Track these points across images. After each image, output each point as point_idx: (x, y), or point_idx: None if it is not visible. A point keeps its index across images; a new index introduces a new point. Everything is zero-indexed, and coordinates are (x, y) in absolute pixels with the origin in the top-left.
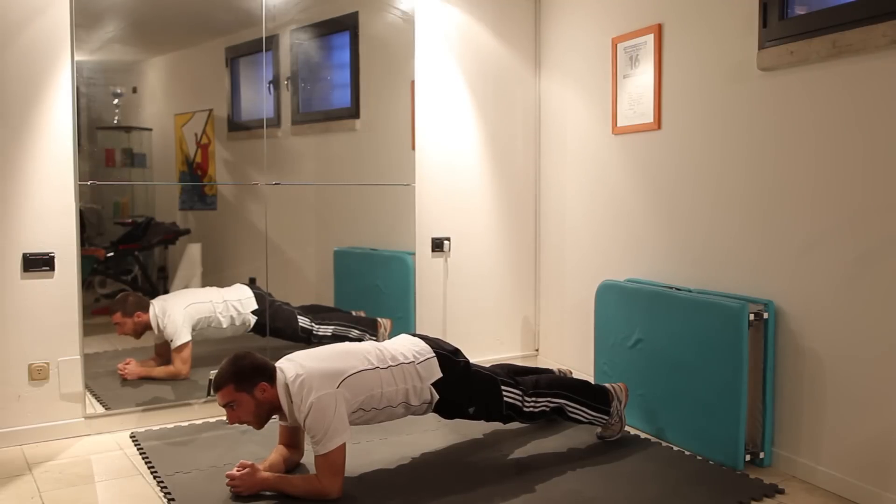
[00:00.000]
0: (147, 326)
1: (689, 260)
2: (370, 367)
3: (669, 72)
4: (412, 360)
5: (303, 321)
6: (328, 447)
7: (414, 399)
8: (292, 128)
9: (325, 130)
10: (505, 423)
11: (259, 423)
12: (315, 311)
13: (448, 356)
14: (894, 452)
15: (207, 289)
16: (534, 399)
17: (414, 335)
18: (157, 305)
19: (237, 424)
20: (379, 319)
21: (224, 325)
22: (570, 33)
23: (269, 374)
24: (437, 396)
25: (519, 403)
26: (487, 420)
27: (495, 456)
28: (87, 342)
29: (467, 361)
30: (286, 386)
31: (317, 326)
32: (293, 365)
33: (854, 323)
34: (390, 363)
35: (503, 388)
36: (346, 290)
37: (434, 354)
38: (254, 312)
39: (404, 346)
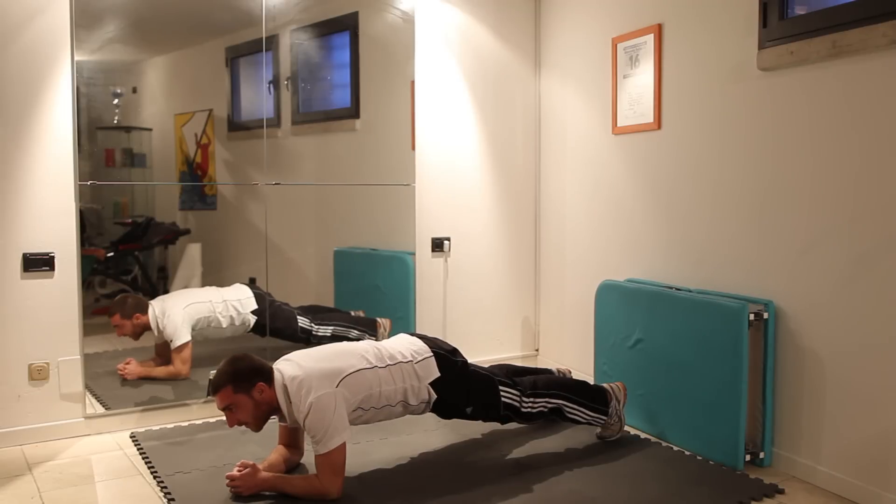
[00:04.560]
0: (146, 328)
1: (688, 260)
2: (368, 366)
3: (669, 72)
4: (410, 359)
5: (302, 321)
6: (328, 447)
7: (412, 398)
8: (292, 128)
9: (325, 130)
10: (503, 424)
11: (258, 424)
12: (315, 312)
13: (446, 356)
14: (894, 452)
15: (207, 289)
16: (532, 399)
17: (412, 335)
18: (157, 306)
19: (237, 426)
20: (378, 319)
21: (224, 325)
22: (570, 33)
23: (267, 375)
24: (434, 396)
25: (517, 404)
26: (485, 420)
27: (495, 456)
28: (87, 342)
29: (465, 361)
30: (284, 386)
31: (316, 327)
32: (291, 365)
33: (854, 323)
34: (388, 362)
35: (501, 388)
36: (346, 290)
37: (432, 354)
38: (253, 312)
39: (402, 346)
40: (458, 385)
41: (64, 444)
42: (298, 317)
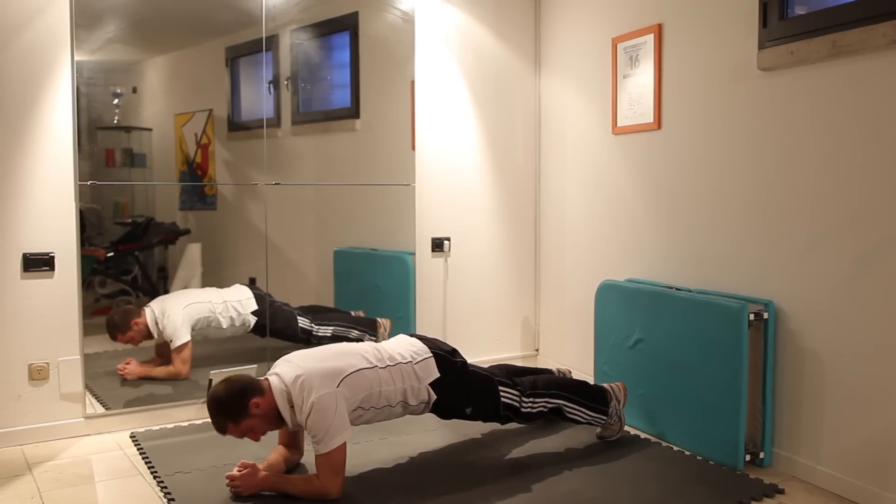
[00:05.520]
0: (147, 328)
1: (689, 260)
2: (369, 366)
3: (669, 72)
4: (410, 360)
5: (303, 322)
6: (329, 446)
7: (412, 399)
8: (292, 128)
9: (325, 130)
10: (503, 424)
11: (276, 426)
12: (315, 312)
13: (445, 356)
14: (894, 452)
15: (207, 289)
16: (531, 399)
17: (412, 335)
18: (156, 306)
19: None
20: (379, 319)
21: (224, 326)
22: (570, 33)
23: (252, 389)
24: (434, 396)
25: (516, 404)
26: (485, 420)
27: (494, 456)
28: (87, 342)
29: (464, 361)
30: (286, 391)
31: (316, 327)
32: (291, 366)
33: (854, 323)
34: (388, 363)
35: (500, 388)
36: (346, 290)
37: (431, 354)
38: (254, 313)
39: (402, 347)
40: (458, 386)
41: (64, 444)
42: (299, 317)
